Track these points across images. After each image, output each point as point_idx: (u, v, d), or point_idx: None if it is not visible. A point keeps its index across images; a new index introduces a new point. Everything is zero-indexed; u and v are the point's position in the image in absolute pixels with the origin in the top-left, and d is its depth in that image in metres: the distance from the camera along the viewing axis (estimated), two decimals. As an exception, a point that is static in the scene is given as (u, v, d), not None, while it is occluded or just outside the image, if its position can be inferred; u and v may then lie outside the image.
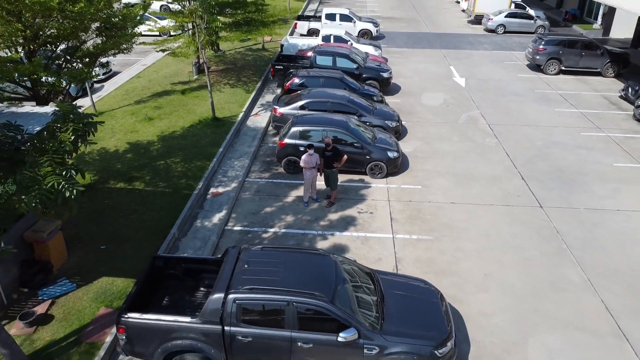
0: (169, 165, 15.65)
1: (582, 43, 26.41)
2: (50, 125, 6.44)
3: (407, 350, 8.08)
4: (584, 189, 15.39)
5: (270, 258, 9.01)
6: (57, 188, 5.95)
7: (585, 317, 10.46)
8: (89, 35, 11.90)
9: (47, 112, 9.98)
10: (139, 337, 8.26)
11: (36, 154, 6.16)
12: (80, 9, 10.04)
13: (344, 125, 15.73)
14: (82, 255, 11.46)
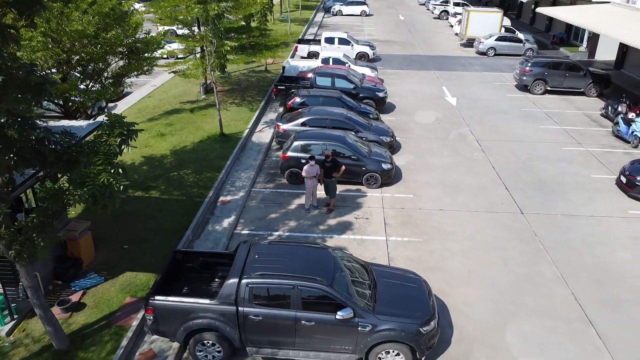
0: (181, 176, 17.07)
1: (566, 65, 28.13)
2: (100, 132, 7.87)
3: (395, 328, 9.38)
4: (561, 198, 16.79)
5: (277, 250, 10.38)
6: (107, 183, 7.35)
7: (557, 307, 11.77)
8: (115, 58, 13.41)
9: (81, 125, 11.45)
10: (164, 318, 9.55)
11: (89, 156, 7.57)
12: (112, 36, 11.57)
13: (342, 139, 17.19)
14: (107, 253, 12.80)
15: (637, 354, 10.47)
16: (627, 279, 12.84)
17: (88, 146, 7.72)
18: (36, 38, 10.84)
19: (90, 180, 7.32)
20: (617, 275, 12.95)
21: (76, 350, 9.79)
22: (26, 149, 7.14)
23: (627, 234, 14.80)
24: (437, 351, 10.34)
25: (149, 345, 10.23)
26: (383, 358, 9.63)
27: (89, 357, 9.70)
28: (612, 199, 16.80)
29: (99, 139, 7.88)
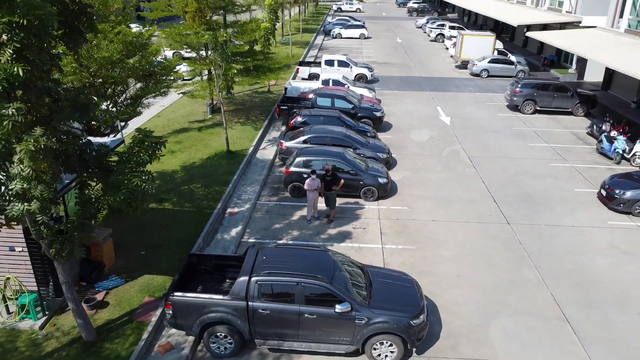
0: (191, 190, 18.31)
1: (554, 86, 29.61)
2: (132, 144, 9.13)
3: (388, 320, 10.50)
4: (546, 210, 18.00)
5: (283, 252, 11.57)
6: (139, 186, 8.58)
7: (537, 307, 12.89)
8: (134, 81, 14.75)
9: (105, 141, 12.74)
10: (182, 312, 10.68)
11: (124, 164, 8.83)
12: (134, 62, 12.92)
13: (341, 156, 18.48)
14: (126, 258, 13.97)
15: (608, 347, 11.56)
16: (604, 282, 13.98)
17: (123, 156, 8.98)
18: (70, 64, 12.17)
19: (124, 185, 8.57)
20: (594, 279, 14.09)
21: (102, 342, 10.91)
22: (72, 157, 8.40)
23: (606, 243, 15.97)
24: (427, 344, 11.45)
25: (166, 338, 11.35)
26: (378, 348, 10.73)
27: (113, 348, 10.81)
28: (593, 211, 18.01)
29: (131, 149, 9.15)
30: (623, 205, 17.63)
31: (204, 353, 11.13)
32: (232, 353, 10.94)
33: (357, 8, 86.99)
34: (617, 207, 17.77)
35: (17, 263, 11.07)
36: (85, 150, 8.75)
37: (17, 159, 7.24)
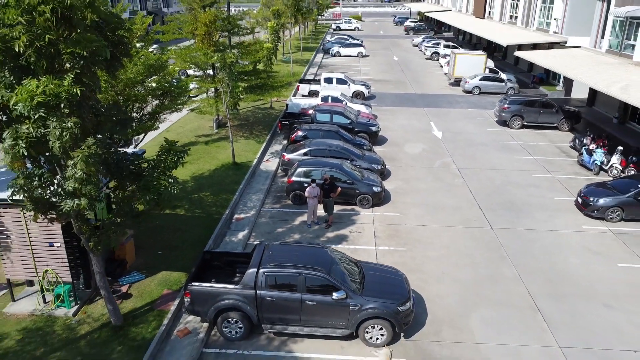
0: (201, 198, 19.95)
1: (540, 102, 31.43)
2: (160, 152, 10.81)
3: (378, 307, 12.06)
4: (527, 216, 19.63)
5: (287, 249, 13.20)
6: (166, 188, 10.23)
7: (512, 299, 14.45)
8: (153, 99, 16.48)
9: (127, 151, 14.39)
10: (199, 300, 12.24)
11: (152, 169, 10.49)
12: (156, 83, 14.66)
13: (339, 167, 20.15)
14: (145, 257, 15.55)
15: (574, 332, 13.11)
16: (574, 278, 15.55)
17: (152, 162, 10.65)
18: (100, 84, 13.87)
19: (154, 187, 10.22)
20: (566, 276, 15.67)
21: (128, 326, 12.45)
22: (112, 164, 10.06)
23: (580, 245, 17.58)
24: (414, 330, 12.99)
25: (184, 324, 12.90)
26: (369, 332, 12.28)
27: (138, 331, 12.35)
28: (570, 217, 19.63)
29: (159, 157, 10.83)
30: (597, 212, 19.26)
31: (217, 337, 12.67)
32: (242, 337, 12.48)
33: (355, 27, 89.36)
34: (592, 213, 19.40)
35: (54, 257, 12.66)
36: (121, 158, 10.42)
37: (72, 163, 8.89)
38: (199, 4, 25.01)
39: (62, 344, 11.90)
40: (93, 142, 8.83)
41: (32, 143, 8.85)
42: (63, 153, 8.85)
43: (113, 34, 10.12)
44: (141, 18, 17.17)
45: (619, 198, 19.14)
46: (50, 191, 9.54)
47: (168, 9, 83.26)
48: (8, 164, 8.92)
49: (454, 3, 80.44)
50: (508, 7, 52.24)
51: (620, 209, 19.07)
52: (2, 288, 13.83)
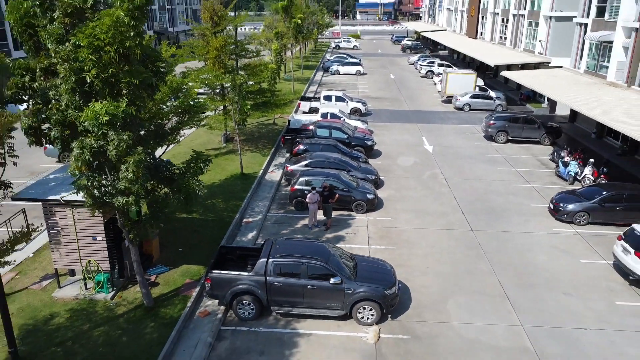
0: (214, 204, 22.34)
1: (523, 119, 34.00)
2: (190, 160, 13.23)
3: (368, 290, 14.38)
4: (504, 220, 22.00)
5: (292, 243, 15.57)
6: (194, 190, 12.64)
7: (485, 288, 16.76)
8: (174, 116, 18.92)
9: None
10: (218, 285, 14.56)
11: (183, 174, 12.91)
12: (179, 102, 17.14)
13: (336, 176, 22.58)
14: (168, 253, 17.90)
15: (535, 315, 15.39)
16: (541, 272, 17.88)
17: (182, 169, 13.10)
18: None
19: (184, 189, 12.65)
20: (534, 270, 17.99)
21: (158, 308, 14.76)
22: (151, 169, 12.49)
23: (548, 244, 19.92)
24: (399, 312, 15.30)
25: (204, 307, 15.21)
26: (361, 312, 14.58)
27: (167, 312, 14.66)
28: (543, 221, 22.00)
29: (188, 164, 13.27)
30: (566, 216, 21.64)
31: (232, 318, 14.96)
32: (254, 317, 14.78)
33: (354, 45, 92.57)
34: (562, 218, 21.77)
35: (96, 250, 15.01)
36: (158, 165, 12.86)
37: (125, 167, 11.32)
38: (210, 30, 27.69)
39: (103, 321, 14.21)
40: (142, 150, 11.28)
41: (94, 152, 11.28)
42: (118, 160, 11.29)
43: (153, 65, 12.64)
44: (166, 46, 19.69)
45: (585, 204, 21.54)
46: (105, 190, 11.95)
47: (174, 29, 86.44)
48: (76, 168, 11.34)
49: (449, 23, 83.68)
50: (498, 29, 55.20)
51: (586, 213, 21.45)
52: (48, 277, 16.16)
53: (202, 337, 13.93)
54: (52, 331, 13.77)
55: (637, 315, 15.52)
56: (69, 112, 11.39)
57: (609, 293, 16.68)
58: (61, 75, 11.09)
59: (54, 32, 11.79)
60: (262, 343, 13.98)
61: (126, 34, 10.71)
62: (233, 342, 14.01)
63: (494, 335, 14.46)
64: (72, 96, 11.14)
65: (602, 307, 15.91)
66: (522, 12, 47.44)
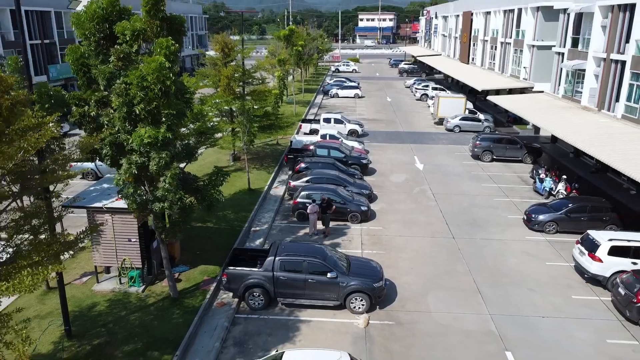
0: (225, 215, 25.19)
1: (506, 139, 37.00)
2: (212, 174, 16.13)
3: (359, 284, 17.13)
4: (483, 229, 24.79)
5: (294, 244, 18.40)
6: (216, 198, 15.51)
7: (461, 285, 19.49)
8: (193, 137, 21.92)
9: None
10: (233, 279, 17.32)
11: (206, 186, 15.80)
12: (199, 126, 20.13)
13: (334, 191, 25.45)
14: (187, 256, 20.69)
15: (501, 306, 18.09)
16: (511, 272, 20.61)
17: (205, 181, 16.01)
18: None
19: (207, 197, 15.53)
20: (504, 271, 20.73)
21: (182, 299, 17.51)
22: (181, 182, 15.39)
23: (520, 250, 22.68)
24: (386, 304, 18.01)
25: (221, 299, 17.95)
26: (353, 302, 17.31)
27: (189, 302, 17.40)
28: (517, 230, 24.80)
29: (211, 177, 16.18)
30: (537, 226, 24.43)
31: (244, 308, 17.68)
32: (263, 307, 17.49)
33: (353, 69, 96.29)
34: (534, 227, 24.57)
35: (130, 250, 17.83)
36: (187, 177, 15.77)
37: (163, 179, 14.22)
38: (221, 61, 30.93)
39: (137, 308, 16.97)
40: (177, 166, 14.19)
41: (138, 166, 14.20)
42: (157, 173, 14.20)
43: (183, 96, 15.65)
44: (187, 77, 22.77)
45: (554, 215, 24.36)
46: (145, 198, 14.84)
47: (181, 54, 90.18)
48: (125, 179, 14.25)
49: (443, 48, 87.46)
50: (487, 55, 58.68)
51: (555, 223, 24.25)
52: (87, 274, 18.95)
53: (220, 323, 16.66)
54: (95, 316, 16.52)
55: (588, 307, 18.24)
56: (120, 135, 14.34)
57: (567, 289, 19.42)
58: (115, 106, 14.08)
59: (105, 71, 14.83)
60: (270, 327, 16.70)
61: (166, 75, 13.71)
62: (246, 327, 16.73)
63: (465, 322, 17.17)
64: (123, 123, 14.11)
65: (559, 300, 18.64)
66: (509, 40, 50.87)
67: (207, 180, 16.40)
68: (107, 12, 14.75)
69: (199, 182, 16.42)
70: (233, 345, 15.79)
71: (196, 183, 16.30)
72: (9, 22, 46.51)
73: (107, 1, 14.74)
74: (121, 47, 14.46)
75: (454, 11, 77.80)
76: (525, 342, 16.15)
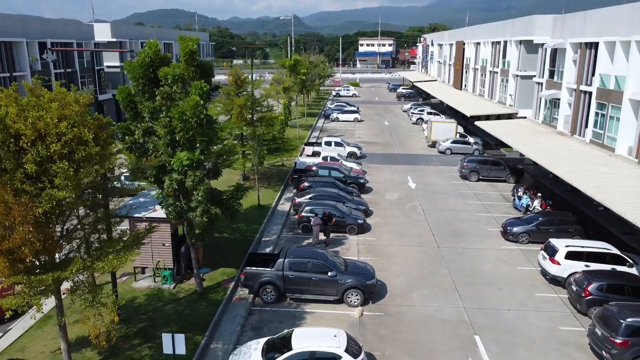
0: (239, 227, 28.76)
1: (491, 161, 40.71)
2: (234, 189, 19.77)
3: (355, 281, 20.61)
4: (465, 240, 28.29)
5: (300, 249, 21.96)
6: (236, 208, 19.13)
7: (442, 285, 22.94)
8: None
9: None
10: (249, 277, 20.81)
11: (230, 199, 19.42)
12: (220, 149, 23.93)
13: (334, 206, 29.05)
14: (208, 260, 24.20)
15: (474, 301, 21.51)
16: (484, 275, 24.05)
17: (228, 195, 19.66)
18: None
19: (230, 208, 19.16)
20: (480, 273, 24.18)
21: (207, 294, 20.99)
22: (210, 195, 19.03)
23: (495, 257, 26.15)
24: (378, 299, 21.44)
25: (239, 295, 21.42)
26: (350, 297, 20.76)
27: (213, 296, 20.88)
28: (494, 240, 28.30)
29: (233, 193, 19.83)
30: (512, 237, 27.94)
31: (258, 302, 21.13)
32: (274, 301, 20.94)
33: (353, 93, 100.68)
34: (509, 238, 28.07)
35: (164, 253, 21.38)
36: (214, 191, 19.42)
37: (196, 192, 17.87)
38: (234, 91, 34.90)
39: (170, 301, 20.45)
40: (208, 181, 17.86)
41: (177, 183, 17.87)
42: (192, 188, 17.87)
43: (211, 126, 19.38)
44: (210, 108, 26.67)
45: (526, 227, 27.88)
46: (181, 209, 18.46)
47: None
48: (167, 193, 17.91)
49: (439, 74, 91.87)
50: (478, 82, 62.83)
51: (527, 234, 27.75)
52: (125, 275, 22.45)
53: (239, 313, 20.12)
54: (136, 307, 20.00)
55: (548, 302, 21.66)
56: (163, 158, 18.05)
57: (532, 288, 22.86)
58: (160, 135, 17.82)
59: (150, 107, 18.60)
60: (280, 317, 20.14)
61: (200, 110, 17.47)
62: (260, 316, 20.18)
63: (443, 313, 20.60)
64: (167, 148, 17.83)
65: (524, 297, 22.07)
66: (496, 69, 55.00)
67: (229, 194, 20.07)
68: (153, 60, 18.57)
69: (223, 196, 20.05)
70: (250, 330, 19.23)
71: (221, 196, 19.93)
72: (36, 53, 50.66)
73: (153, 52, 18.58)
74: (164, 88, 18.24)
75: (448, 40, 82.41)
76: (491, 328, 19.57)
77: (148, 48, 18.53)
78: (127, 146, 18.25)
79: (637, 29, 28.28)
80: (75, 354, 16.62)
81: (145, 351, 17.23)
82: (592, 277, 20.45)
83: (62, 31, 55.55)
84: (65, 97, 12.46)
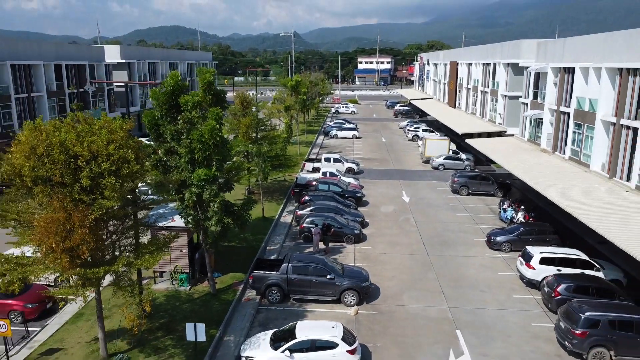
0: (246, 237, 31.39)
1: (480, 176, 43.46)
2: (245, 201, 22.44)
3: (351, 283, 23.19)
4: (452, 248, 30.91)
5: (303, 255, 24.58)
6: (246, 218, 21.80)
7: (430, 288, 25.51)
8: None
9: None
10: (257, 280, 23.38)
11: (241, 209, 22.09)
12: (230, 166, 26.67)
13: (333, 218, 31.72)
14: (220, 265, 26.79)
15: (458, 301, 24.07)
16: (468, 279, 26.63)
17: (239, 206, 22.35)
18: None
19: (241, 217, 21.85)
20: (464, 278, 26.75)
21: (219, 295, 23.56)
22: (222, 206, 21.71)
23: (479, 263, 28.76)
24: (372, 300, 24.00)
25: (247, 296, 23.99)
26: (347, 297, 23.33)
27: (225, 297, 23.45)
28: (480, 249, 30.92)
29: (244, 204, 22.51)
30: (495, 245, 30.57)
31: (265, 302, 23.69)
32: (278, 301, 23.50)
33: (352, 110, 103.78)
34: (493, 246, 30.69)
35: (181, 258, 23.99)
36: (227, 203, 22.13)
37: (212, 204, 20.56)
38: (240, 112, 37.82)
39: (187, 301, 23.02)
40: (223, 195, 20.58)
41: (196, 196, 20.58)
42: (209, 200, 20.57)
43: (224, 146, 22.13)
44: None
45: (508, 237, 30.53)
46: (198, 218, 21.15)
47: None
48: (188, 204, 20.61)
49: (434, 92, 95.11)
50: (470, 101, 65.91)
51: (509, 243, 30.39)
52: (145, 279, 25.02)
53: (248, 311, 22.68)
54: (157, 305, 22.56)
55: (524, 302, 24.22)
56: (184, 174, 20.78)
57: (511, 290, 25.44)
58: (181, 154, 20.57)
59: (172, 130, 21.38)
60: (285, 315, 22.70)
61: (217, 133, 20.25)
62: (267, 315, 22.75)
63: (429, 312, 23.17)
64: (187, 165, 20.58)
65: (503, 298, 24.64)
66: (487, 89, 58.07)
67: (240, 205, 22.77)
68: (174, 89, 21.40)
69: (235, 207, 22.75)
70: (258, 325, 21.78)
71: (233, 207, 22.62)
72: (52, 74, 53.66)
73: (175, 82, 21.42)
74: (185, 113, 21.04)
75: (443, 59, 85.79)
76: (471, 324, 22.13)
77: (170, 79, 21.38)
78: (153, 164, 20.97)
79: (607, 57, 31.25)
80: (108, 344, 19.15)
81: (168, 342, 19.78)
82: (562, 279, 23.06)
83: (75, 54, 58.72)
84: (112, 125, 15.22)
